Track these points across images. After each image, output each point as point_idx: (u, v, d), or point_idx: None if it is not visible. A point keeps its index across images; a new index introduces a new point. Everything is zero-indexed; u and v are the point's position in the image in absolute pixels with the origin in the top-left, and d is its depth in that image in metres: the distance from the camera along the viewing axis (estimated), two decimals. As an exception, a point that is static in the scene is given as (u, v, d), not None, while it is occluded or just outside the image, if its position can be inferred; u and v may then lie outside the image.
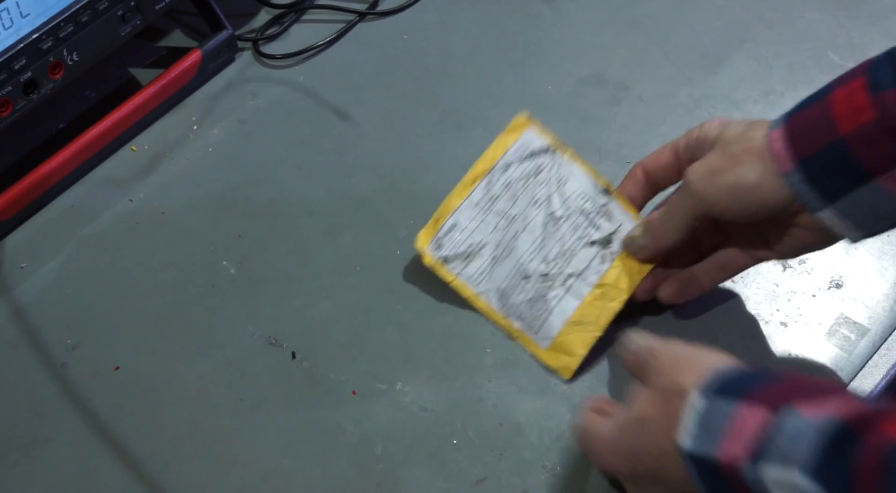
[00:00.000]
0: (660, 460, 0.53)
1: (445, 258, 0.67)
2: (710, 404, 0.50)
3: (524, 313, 0.67)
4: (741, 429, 0.48)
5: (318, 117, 0.86)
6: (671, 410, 0.53)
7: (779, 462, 0.45)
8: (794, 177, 0.59)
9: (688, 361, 0.55)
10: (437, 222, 0.68)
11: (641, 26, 0.91)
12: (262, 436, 0.68)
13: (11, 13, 0.71)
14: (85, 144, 0.81)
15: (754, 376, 0.51)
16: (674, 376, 0.54)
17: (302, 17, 0.94)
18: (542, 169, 0.69)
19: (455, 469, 0.66)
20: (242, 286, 0.75)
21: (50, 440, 0.68)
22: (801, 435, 0.45)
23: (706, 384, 0.52)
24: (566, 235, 0.67)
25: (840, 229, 0.60)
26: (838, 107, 0.58)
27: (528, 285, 0.67)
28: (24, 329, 0.73)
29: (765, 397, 0.49)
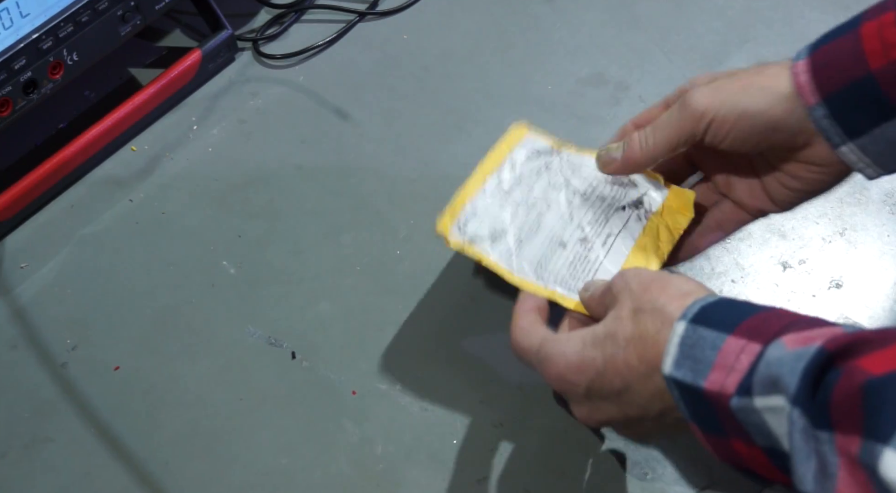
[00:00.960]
0: (627, 378, 0.53)
1: (472, 238, 0.64)
2: (695, 333, 0.50)
3: (565, 278, 0.63)
4: (730, 362, 0.48)
5: (318, 117, 0.86)
6: (645, 328, 0.52)
7: (764, 392, 0.46)
8: (819, 111, 0.57)
9: (658, 283, 0.54)
10: (455, 210, 0.66)
11: (641, 26, 0.91)
12: (262, 436, 0.68)
13: (11, 13, 0.71)
14: (85, 144, 0.81)
15: (738, 306, 0.51)
16: (645, 297, 0.53)
17: (302, 17, 0.94)
18: (550, 165, 0.68)
19: (455, 469, 0.66)
20: (242, 286, 0.75)
21: (50, 440, 0.68)
22: (785, 364, 0.45)
23: (689, 312, 0.51)
24: (596, 205, 0.65)
25: (859, 165, 0.59)
26: (868, 41, 0.55)
27: (565, 251, 0.64)
28: (24, 329, 0.73)
29: (752, 331, 0.48)
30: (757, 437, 0.47)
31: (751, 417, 0.47)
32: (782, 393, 0.45)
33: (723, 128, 0.59)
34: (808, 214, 0.77)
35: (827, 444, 0.42)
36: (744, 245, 0.76)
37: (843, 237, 0.76)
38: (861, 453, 0.40)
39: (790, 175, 0.61)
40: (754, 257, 0.76)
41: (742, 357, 0.48)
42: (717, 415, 0.49)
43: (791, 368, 0.44)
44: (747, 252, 0.76)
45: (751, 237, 0.76)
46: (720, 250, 0.76)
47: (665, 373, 0.51)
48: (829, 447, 0.42)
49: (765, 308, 0.51)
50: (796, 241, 0.76)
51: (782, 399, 0.45)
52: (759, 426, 0.47)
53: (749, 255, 0.76)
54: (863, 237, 0.76)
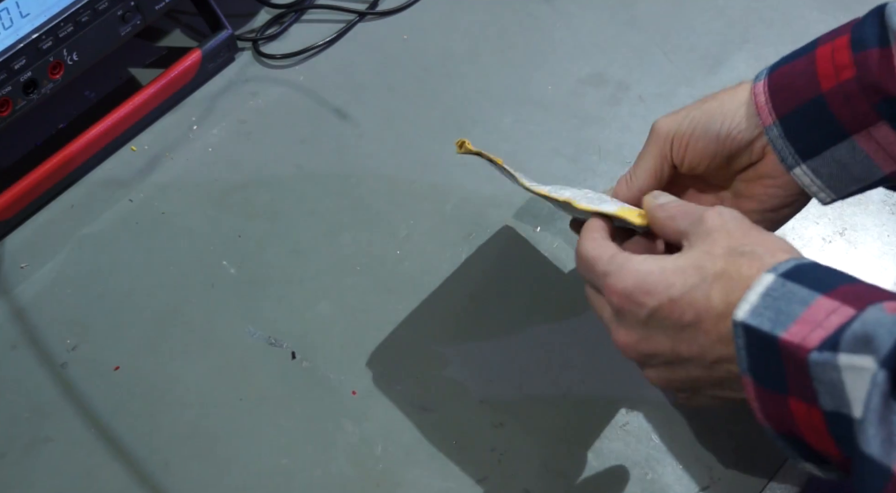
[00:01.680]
0: (700, 312, 0.51)
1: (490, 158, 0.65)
2: (783, 287, 0.48)
3: (576, 194, 0.63)
4: (818, 319, 0.46)
5: (318, 117, 0.86)
6: (739, 270, 0.50)
7: (853, 349, 0.44)
8: (774, 131, 0.59)
9: (759, 232, 0.53)
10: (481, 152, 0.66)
11: (641, 26, 0.91)
12: (262, 436, 0.68)
13: (11, 13, 0.71)
14: (85, 144, 0.81)
15: (837, 273, 0.50)
16: (746, 240, 0.52)
17: (302, 17, 0.94)
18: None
19: (455, 469, 0.66)
20: (242, 286, 0.75)
21: (50, 440, 0.68)
22: (883, 325, 0.44)
23: (780, 267, 0.49)
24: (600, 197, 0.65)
25: (812, 188, 0.60)
26: (822, 63, 0.58)
27: (571, 190, 0.64)
28: (24, 329, 0.73)
29: (850, 295, 0.47)
30: (824, 397, 0.46)
31: (828, 374, 0.45)
32: (873, 354, 0.43)
33: (682, 143, 0.61)
34: (808, 214, 0.77)
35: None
36: (744, 245, 0.76)
37: (843, 237, 0.76)
38: None
39: (746, 196, 0.62)
40: (754, 257, 0.76)
41: (832, 317, 0.46)
42: (784, 369, 0.47)
43: (889, 330, 0.43)
44: (747, 252, 0.76)
45: (751, 237, 0.76)
46: (720, 249, 0.76)
47: (737, 318, 0.49)
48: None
49: (864, 282, 0.49)
50: (796, 241, 0.76)
51: (871, 360, 0.43)
52: (832, 386, 0.45)
53: (749, 255, 0.76)
54: (863, 237, 0.76)
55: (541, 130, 0.83)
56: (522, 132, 0.83)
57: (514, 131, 0.84)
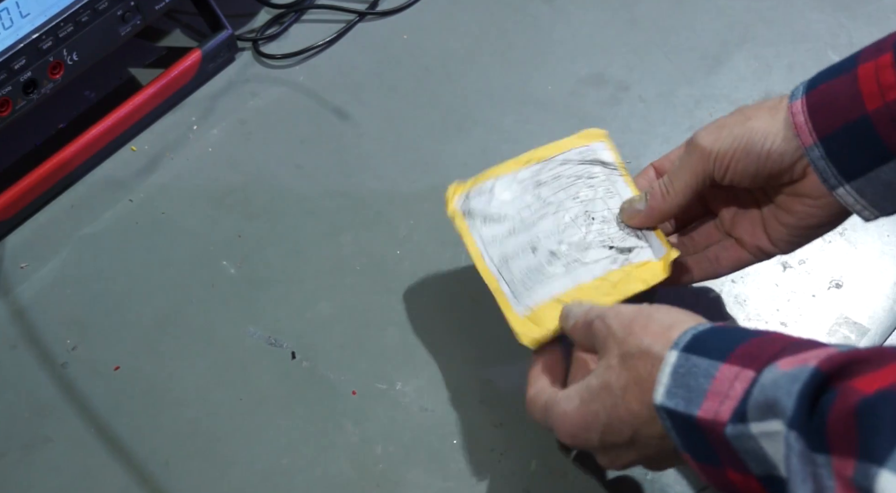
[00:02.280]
0: (633, 425, 0.52)
1: (469, 211, 0.66)
2: (687, 361, 0.49)
3: (515, 280, 0.64)
4: (724, 390, 0.47)
5: (318, 117, 0.86)
6: (637, 373, 0.52)
7: (760, 417, 0.45)
8: (815, 152, 0.58)
9: (640, 323, 0.53)
10: (476, 181, 0.67)
11: (641, 26, 0.91)
12: (262, 436, 0.68)
13: (11, 13, 0.71)
14: (85, 144, 0.81)
15: (731, 333, 0.50)
16: (630, 340, 0.53)
17: (302, 17, 0.94)
18: (595, 176, 0.68)
19: (455, 469, 0.66)
20: (242, 286, 0.75)
21: (50, 440, 0.68)
22: (779, 387, 0.44)
23: (681, 341, 0.51)
24: (592, 232, 0.66)
25: (856, 208, 0.59)
26: (865, 83, 0.56)
27: (532, 256, 0.65)
28: (24, 329, 0.73)
29: (746, 357, 0.48)
30: (752, 464, 0.47)
31: (747, 444, 0.46)
32: (779, 417, 0.44)
33: (724, 162, 0.60)
34: (808, 214, 0.77)
35: (824, 467, 0.42)
36: (744, 245, 0.76)
37: (843, 237, 0.76)
38: (855, 475, 0.40)
39: (785, 210, 0.62)
40: (754, 257, 0.76)
41: (736, 384, 0.47)
42: (711, 444, 0.48)
43: (787, 390, 0.44)
44: (747, 252, 0.76)
45: (751, 237, 0.76)
46: (720, 250, 0.76)
47: (656, 403, 0.50)
48: (826, 470, 0.42)
49: (758, 334, 0.50)
50: (796, 241, 0.76)
51: (779, 423, 0.44)
52: (754, 453, 0.46)
53: (749, 255, 0.76)
54: (863, 237, 0.76)
55: (541, 130, 0.83)
56: (522, 132, 0.83)
57: (514, 131, 0.84)
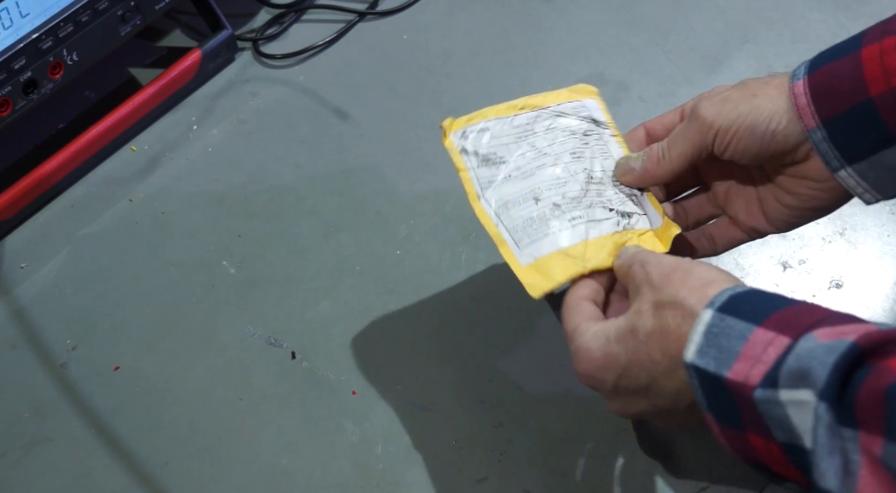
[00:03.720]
0: (651, 373, 0.52)
1: (465, 149, 0.64)
2: (722, 322, 0.49)
3: (517, 227, 0.62)
4: (756, 353, 0.47)
5: (318, 117, 0.86)
6: (666, 322, 0.52)
7: (792, 384, 0.45)
8: (817, 134, 0.57)
9: (679, 275, 0.53)
10: (470, 120, 0.65)
11: (641, 26, 0.91)
12: (262, 436, 0.68)
13: (11, 13, 0.71)
14: (85, 144, 0.81)
15: (769, 298, 0.50)
16: (666, 290, 0.53)
17: (302, 17, 0.94)
18: (590, 134, 0.66)
19: (455, 469, 0.66)
20: (242, 286, 0.75)
21: (50, 440, 0.68)
22: (814, 357, 0.44)
23: (717, 301, 0.50)
24: (591, 192, 0.64)
25: (857, 190, 0.59)
26: (869, 66, 0.55)
27: (534, 206, 0.63)
28: (24, 329, 0.73)
29: (783, 323, 0.48)
30: (777, 431, 0.46)
31: (774, 410, 0.46)
32: (811, 387, 0.44)
33: (726, 137, 0.59)
34: (808, 214, 0.77)
35: (851, 441, 0.42)
36: (744, 245, 0.76)
37: (843, 237, 0.76)
38: (884, 455, 0.40)
39: (788, 192, 0.61)
40: (754, 257, 0.76)
41: (770, 349, 0.47)
42: (736, 406, 0.48)
43: (822, 361, 0.44)
44: (747, 252, 0.76)
45: (751, 237, 0.76)
46: (720, 249, 0.76)
47: (686, 360, 0.50)
48: (852, 444, 0.42)
49: (796, 302, 0.50)
50: (796, 241, 0.76)
51: (810, 393, 0.44)
52: (780, 420, 0.46)
53: (749, 255, 0.76)
54: (863, 237, 0.76)
55: (541, 130, 0.83)
56: (522, 132, 0.83)
57: (514, 131, 0.84)
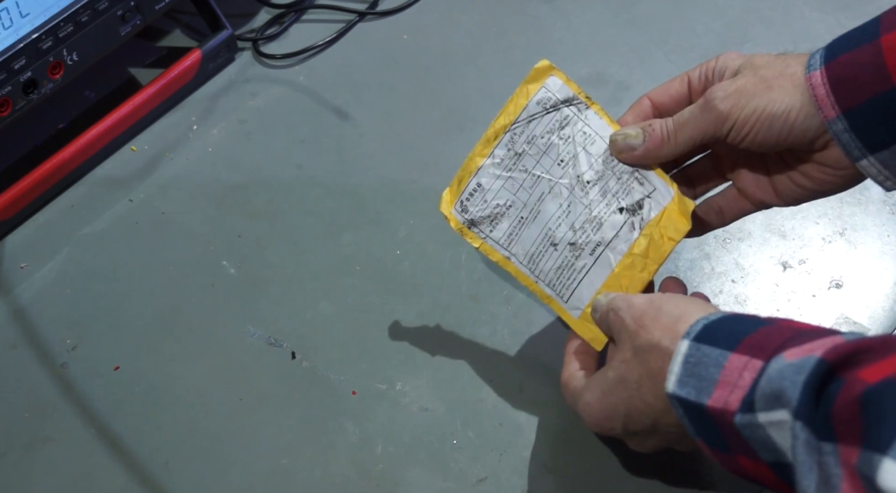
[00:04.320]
0: (651, 415, 0.54)
1: (472, 221, 0.64)
2: (698, 351, 0.51)
3: (553, 281, 0.64)
4: (733, 379, 0.48)
5: (318, 117, 0.86)
6: (650, 367, 0.53)
7: (767, 407, 0.46)
8: (838, 125, 0.56)
9: (650, 316, 0.55)
10: (461, 183, 0.65)
11: (641, 26, 0.91)
12: (262, 436, 0.68)
13: (11, 13, 0.71)
14: (85, 144, 0.81)
15: (741, 322, 0.51)
16: (643, 335, 0.54)
17: (302, 17, 0.94)
18: (567, 122, 0.65)
19: (455, 469, 0.66)
20: (242, 286, 0.75)
21: (50, 440, 0.68)
22: (785, 377, 0.45)
23: (692, 331, 0.52)
24: (594, 201, 0.64)
25: (879, 178, 0.58)
26: (890, 54, 0.54)
27: (556, 253, 0.64)
28: (24, 329, 0.73)
29: (754, 346, 0.49)
30: (762, 452, 0.47)
31: (755, 433, 0.47)
32: (785, 407, 0.45)
33: (742, 130, 0.58)
34: (808, 214, 0.77)
35: (830, 455, 0.42)
36: (744, 245, 0.76)
37: (843, 237, 0.76)
38: (859, 463, 0.40)
39: (803, 174, 0.61)
40: (754, 257, 0.76)
41: (745, 374, 0.48)
42: (721, 432, 0.49)
43: (792, 380, 0.44)
44: (747, 252, 0.76)
45: (751, 237, 0.76)
46: (720, 249, 0.76)
47: (668, 391, 0.51)
48: (832, 458, 0.42)
49: (767, 322, 0.51)
50: (796, 241, 0.76)
51: (785, 413, 0.45)
52: (763, 442, 0.47)
53: (749, 255, 0.76)
54: (863, 237, 0.76)
55: (541, 130, 0.83)
56: (522, 132, 0.83)
57: (514, 131, 0.83)
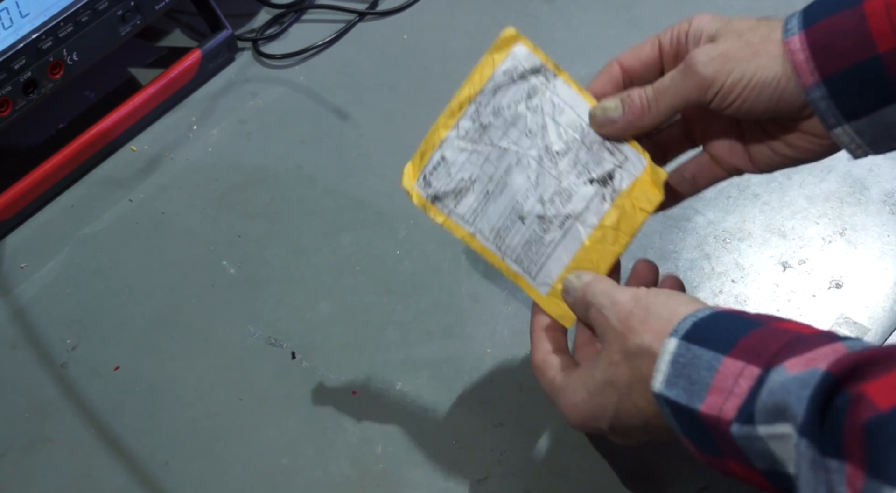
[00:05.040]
0: (642, 418, 0.52)
1: (435, 196, 0.61)
2: (688, 351, 0.48)
3: (520, 256, 0.61)
4: (728, 385, 0.46)
5: (318, 117, 0.86)
6: (641, 373, 0.51)
7: (769, 420, 0.44)
8: (816, 92, 0.54)
9: (638, 317, 0.52)
10: (423, 157, 0.61)
11: (641, 26, 0.91)
12: (262, 436, 0.68)
13: (11, 13, 0.71)
14: (85, 144, 0.81)
15: (732, 321, 0.49)
16: (631, 338, 0.52)
17: (302, 17, 0.94)
18: (535, 92, 0.62)
19: (455, 469, 0.66)
20: (242, 286, 0.75)
21: (50, 440, 0.68)
22: (789, 391, 0.43)
23: (680, 329, 0.49)
24: (564, 172, 0.61)
25: (850, 146, 0.56)
26: (874, 21, 0.52)
27: (523, 227, 0.61)
28: (24, 329, 0.73)
29: (750, 351, 0.47)
30: (757, 461, 0.46)
31: (753, 444, 0.45)
32: (789, 421, 0.43)
33: (728, 97, 0.56)
34: (808, 214, 0.77)
35: (836, 473, 0.41)
36: (744, 245, 0.76)
37: (843, 237, 0.76)
38: (865, 490, 0.39)
39: (784, 142, 0.58)
40: (754, 257, 0.76)
41: (741, 381, 0.46)
42: (713, 437, 0.48)
43: (797, 396, 0.43)
44: (747, 252, 0.76)
45: (751, 237, 0.76)
46: (720, 249, 0.76)
47: (655, 390, 0.49)
48: (838, 476, 0.41)
49: (760, 323, 0.49)
50: (796, 241, 0.76)
51: (789, 427, 0.43)
52: (761, 452, 0.45)
53: (749, 255, 0.76)
54: (863, 237, 0.76)
55: (541, 130, 0.83)
56: (522, 132, 0.83)
57: (514, 131, 0.83)
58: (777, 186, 0.79)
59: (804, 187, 0.79)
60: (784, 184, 0.79)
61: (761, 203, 0.78)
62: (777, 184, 0.79)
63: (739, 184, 0.79)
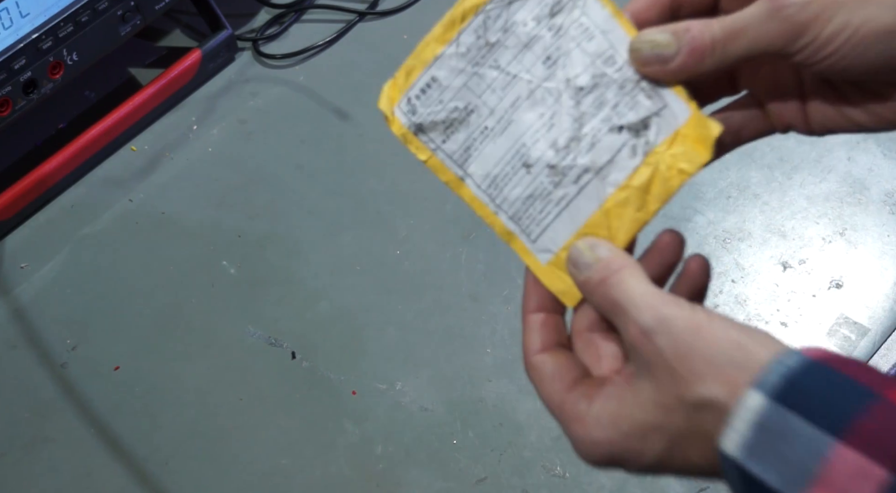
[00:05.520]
0: (688, 470, 0.42)
1: (420, 126, 0.49)
2: (781, 418, 0.37)
3: (519, 212, 0.48)
4: (842, 485, 0.35)
5: (318, 117, 0.86)
6: (705, 429, 0.39)
7: None
8: None
9: (701, 356, 0.39)
10: (410, 75, 0.50)
11: (641, 26, 0.91)
12: (262, 436, 0.68)
13: (11, 13, 0.71)
14: (85, 144, 0.81)
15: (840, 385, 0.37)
16: (693, 385, 0.39)
17: (302, 17, 0.94)
18: (560, 9, 0.48)
19: (455, 469, 0.66)
20: (242, 286, 0.75)
21: (50, 440, 0.68)
22: None
23: (766, 381, 0.37)
24: (587, 114, 0.48)
25: None
26: None
27: (528, 177, 0.48)
28: (24, 329, 0.73)
29: (871, 440, 0.35)
30: None
31: None
32: None
33: (826, 49, 0.42)
34: (808, 214, 0.77)
35: None
36: (744, 245, 0.76)
37: (843, 237, 0.76)
38: None
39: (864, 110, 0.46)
40: (754, 257, 0.76)
41: (863, 485, 0.35)
42: None
43: None
44: (747, 252, 0.76)
45: (751, 237, 0.76)
46: (720, 249, 0.76)
47: (727, 453, 0.38)
48: None
49: (875, 394, 0.36)
50: (796, 241, 0.76)
51: None
52: None
53: (749, 255, 0.76)
54: (863, 237, 0.76)
55: (541, 130, 0.83)
56: (522, 132, 0.83)
57: (514, 131, 0.84)
58: (777, 186, 0.79)
59: (804, 187, 0.79)
60: (784, 184, 0.79)
61: (761, 203, 0.78)
62: (777, 184, 0.79)
63: (739, 184, 0.79)
